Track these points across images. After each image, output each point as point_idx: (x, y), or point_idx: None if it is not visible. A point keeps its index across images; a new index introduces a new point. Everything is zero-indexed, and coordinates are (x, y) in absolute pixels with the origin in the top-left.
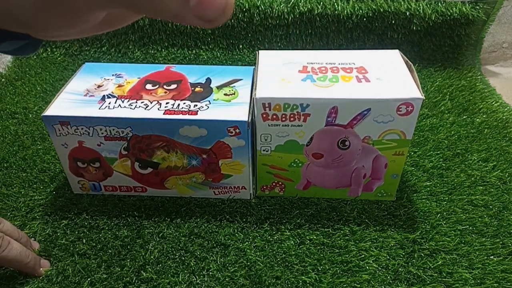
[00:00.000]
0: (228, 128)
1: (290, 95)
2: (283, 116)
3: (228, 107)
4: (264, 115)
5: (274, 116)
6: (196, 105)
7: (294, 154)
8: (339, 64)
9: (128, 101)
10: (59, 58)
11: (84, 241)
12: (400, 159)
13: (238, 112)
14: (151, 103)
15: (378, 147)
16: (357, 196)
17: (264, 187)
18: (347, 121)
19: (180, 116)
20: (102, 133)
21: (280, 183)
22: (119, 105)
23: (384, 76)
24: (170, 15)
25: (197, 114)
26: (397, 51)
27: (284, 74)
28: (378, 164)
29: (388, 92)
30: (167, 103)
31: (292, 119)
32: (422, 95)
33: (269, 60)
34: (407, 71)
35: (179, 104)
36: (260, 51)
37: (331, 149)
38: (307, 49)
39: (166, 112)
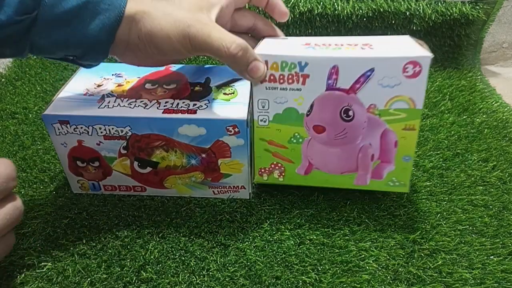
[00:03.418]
0: (227, 127)
1: (288, 53)
2: (281, 77)
3: (227, 106)
4: None
5: (272, 77)
6: (195, 104)
7: (294, 126)
8: (345, 42)
9: (128, 100)
10: None
11: (84, 241)
12: (412, 136)
13: (237, 111)
14: (150, 102)
15: (386, 118)
16: (366, 184)
17: (262, 170)
18: (349, 85)
19: (179, 115)
20: (101, 132)
21: (279, 164)
22: (119, 104)
23: (390, 45)
24: (236, 70)
25: (196, 113)
26: (407, 36)
27: (285, 43)
28: (387, 141)
29: (393, 52)
30: (166, 102)
31: (290, 81)
32: (431, 54)
33: (272, 39)
34: (416, 43)
35: (178, 103)
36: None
37: (333, 121)
38: None
39: (165, 111)
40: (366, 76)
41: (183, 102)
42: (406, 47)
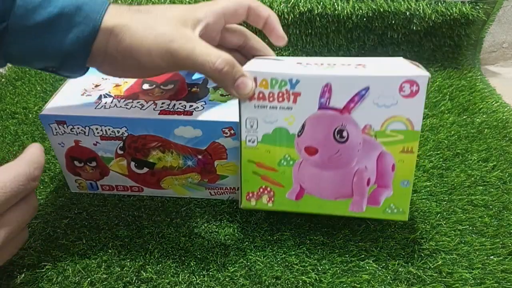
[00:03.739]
0: (223, 129)
1: (278, 70)
2: (271, 95)
3: (224, 108)
4: None
5: (261, 95)
6: (192, 106)
7: (285, 147)
8: (338, 62)
9: (125, 101)
10: None
11: (84, 241)
12: (410, 159)
13: (233, 113)
14: (147, 103)
15: (382, 140)
16: (362, 211)
17: (250, 194)
18: (343, 104)
19: (175, 117)
20: (98, 133)
21: (268, 188)
22: (115, 104)
23: (385, 66)
24: (223, 86)
25: (192, 114)
26: (401, 57)
27: (276, 61)
28: (383, 164)
29: (389, 71)
30: (163, 103)
31: (280, 99)
32: (428, 73)
33: (263, 59)
34: (412, 64)
35: (174, 104)
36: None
37: (326, 142)
38: (307, 49)
39: (161, 112)
40: (360, 95)
41: (180, 103)
42: (402, 67)
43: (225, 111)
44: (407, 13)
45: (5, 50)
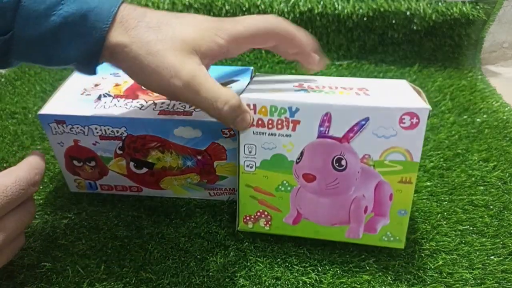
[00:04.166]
0: (223, 130)
1: (278, 98)
2: (270, 122)
3: None
4: None
5: (260, 122)
6: (191, 106)
7: (282, 174)
8: (339, 86)
9: (124, 100)
10: None
11: (84, 241)
12: (408, 189)
13: None
14: (146, 103)
15: (381, 170)
16: (358, 238)
17: (248, 217)
18: (343, 133)
19: (175, 117)
20: (97, 132)
21: (266, 212)
22: (115, 104)
23: (386, 93)
24: (224, 123)
25: (191, 115)
26: (404, 80)
27: (276, 86)
28: (381, 193)
29: (389, 101)
30: (162, 103)
31: (280, 126)
32: (429, 106)
33: (263, 78)
34: (414, 92)
35: (174, 105)
36: (256, 74)
37: (324, 170)
38: None
39: (161, 112)
40: (360, 125)
41: (180, 104)
42: (404, 96)
43: None
44: (408, 13)
45: (14, 57)
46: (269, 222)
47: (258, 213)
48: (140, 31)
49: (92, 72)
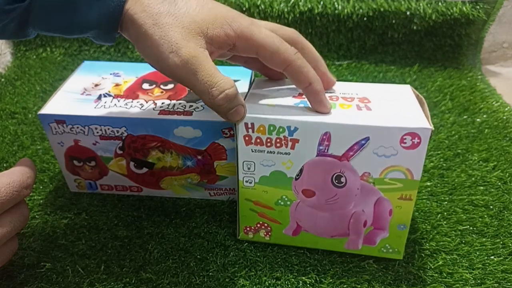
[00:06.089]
0: (223, 130)
1: (276, 116)
2: (268, 140)
3: None
4: (247, 138)
5: (258, 140)
6: (192, 106)
7: (282, 189)
8: (340, 93)
9: (124, 100)
10: (58, 58)
11: (84, 241)
12: (408, 205)
13: None
14: (146, 102)
15: (380, 187)
16: (357, 249)
17: (248, 228)
18: (343, 152)
19: (175, 117)
20: (97, 132)
21: (265, 224)
22: (115, 104)
23: (388, 106)
24: (216, 112)
25: (191, 114)
26: (408, 86)
27: (276, 97)
28: (381, 209)
29: (390, 120)
30: (162, 103)
31: (278, 145)
32: (431, 126)
33: (264, 84)
34: (417, 103)
35: (174, 104)
36: (256, 79)
37: (324, 186)
38: None
39: (161, 112)
40: (360, 144)
41: (180, 103)
42: (406, 110)
43: None
44: (408, 13)
45: (32, 26)
46: (269, 233)
47: (258, 225)
48: (154, 1)
49: (112, 39)
